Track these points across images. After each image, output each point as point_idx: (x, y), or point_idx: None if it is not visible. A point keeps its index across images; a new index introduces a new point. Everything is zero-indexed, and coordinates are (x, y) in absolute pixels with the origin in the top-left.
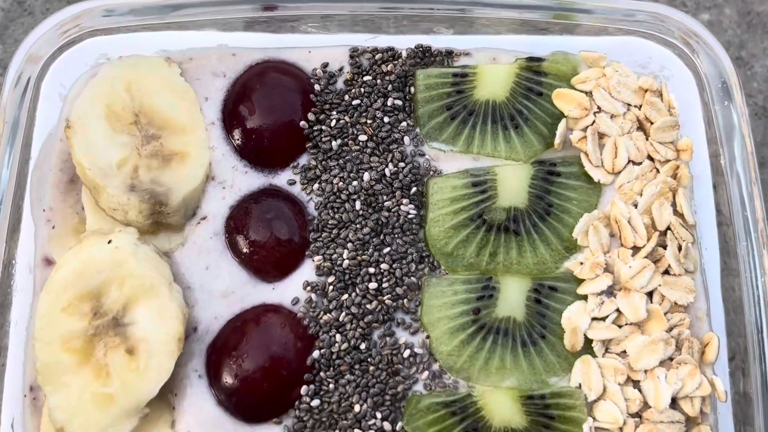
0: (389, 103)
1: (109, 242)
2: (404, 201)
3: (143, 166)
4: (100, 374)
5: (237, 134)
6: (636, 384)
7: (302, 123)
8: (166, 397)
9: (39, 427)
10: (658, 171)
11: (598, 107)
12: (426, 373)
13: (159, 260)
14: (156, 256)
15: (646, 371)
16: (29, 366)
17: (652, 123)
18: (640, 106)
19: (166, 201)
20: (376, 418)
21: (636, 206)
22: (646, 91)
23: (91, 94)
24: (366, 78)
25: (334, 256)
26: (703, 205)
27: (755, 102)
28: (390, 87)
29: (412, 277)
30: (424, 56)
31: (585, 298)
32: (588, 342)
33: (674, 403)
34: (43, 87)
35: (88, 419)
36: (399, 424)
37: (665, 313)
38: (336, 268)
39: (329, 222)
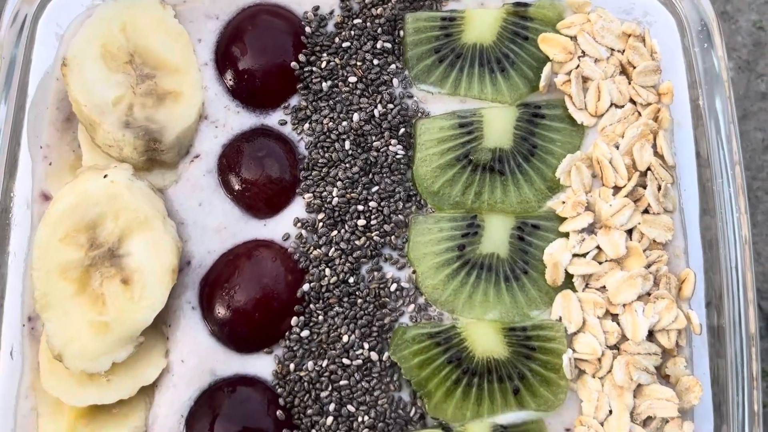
0: (378, 45)
1: (105, 177)
2: (393, 141)
3: (138, 104)
4: (96, 303)
5: (229, 75)
6: (614, 317)
7: (293, 64)
8: (161, 328)
9: (37, 355)
10: (639, 114)
11: (582, 51)
12: (412, 306)
13: (153, 195)
14: (150, 191)
15: (624, 305)
16: (27, 297)
17: (634, 67)
18: (623, 51)
19: (160, 138)
20: (363, 348)
21: (617, 147)
22: (629, 36)
23: (87, 33)
24: (356, 21)
25: (324, 193)
26: (683, 148)
27: (739, 56)
28: (379, 30)
29: (399, 215)
30: (413, 0)
31: (566, 236)
32: (569, 278)
33: (651, 335)
34: (39, 26)
35: (85, 346)
36: (385, 354)
37: (644, 251)
38: (326, 205)
39: (319, 161)
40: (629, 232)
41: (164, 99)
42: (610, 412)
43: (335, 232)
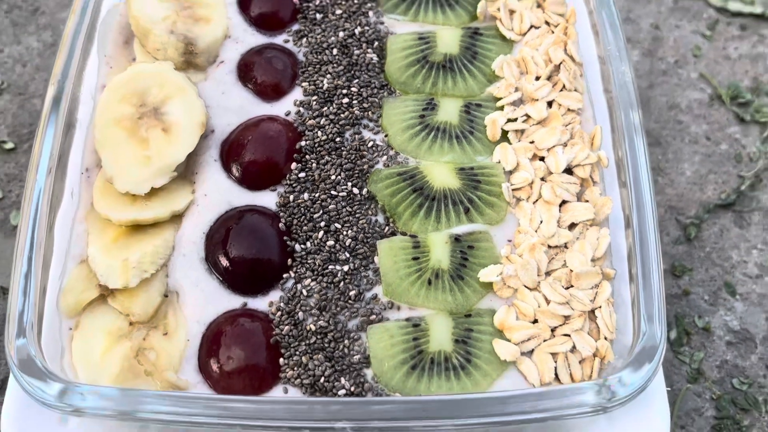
0: None
1: (154, 63)
2: (369, 50)
3: (180, 21)
4: (142, 144)
5: (250, 7)
6: (541, 159)
7: (295, 1)
8: (189, 177)
9: (90, 196)
10: (552, 32)
11: None
12: (385, 157)
13: (188, 80)
14: (186, 77)
15: (548, 149)
16: (87, 152)
17: (545, 1)
18: None
19: (195, 43)
20: (347, 185)
21: (537, 50)
22: None
23: None
24: None
25: (317, 82)
26: (587, 53)
27: (642, 46)
28: None
29: (374, 98)
30: None
31: (502, 109)
32: (504, 136)
33: (571, 173)
34: None
35: (131, 173)
36: (365, 190)
37: (562, 116)
38: (318, 90)
39: (313, 61)
40: (549, 104)
41: (199, 21)
42: (541, 222)
43: (325, 108)
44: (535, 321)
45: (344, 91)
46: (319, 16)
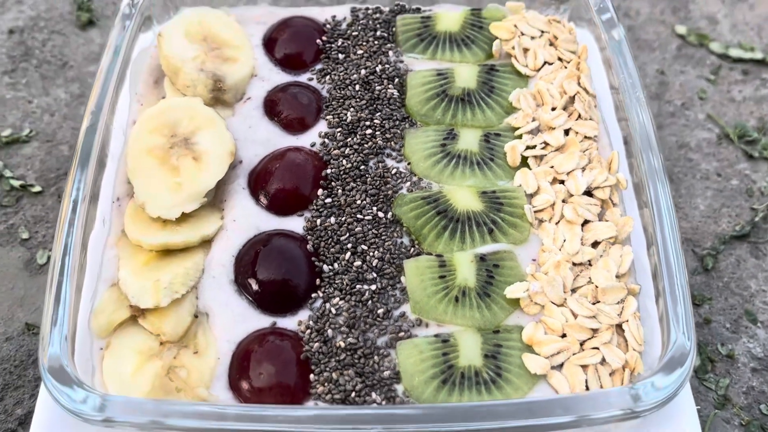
0: (378, 34)
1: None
2: (390, 86)
3: (209, 61)
4: (173, 172)
5: (274, 49)
6: (561, 183)
7: (318, 41)
8: (218, 205)
9: (121, 224)
10: (566, 67)
11: (521, 32)
12: (408, 183)
13: (217, 113)
14: (215, 111)
15: (567, 173)
16: (118, 182)
17: (557, 38)
18: (549, 32)
19: (224, 80)
20: (372, 209)
21: (552, 84)
22: (551, 21)
23: (175, 21)
24: (361, 21)
25: (341, 115)
26: (600, 85)
27: (650, 89)
28: (378, 25)
29: (396, 129)
30: (401, 10)
31: (521, 137)
32: (524, 162)
33: (591, 195)
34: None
35: (162, 199)
36: (389, 213)
37: (579, 143)
38: (342, 122)
39: (337, 96)
40: (566, 132)
41: (227, 60)
42: (564, 241)
43: (349, 139)
44: (564, 336)
45: (367, 123)
46: (341, 56)
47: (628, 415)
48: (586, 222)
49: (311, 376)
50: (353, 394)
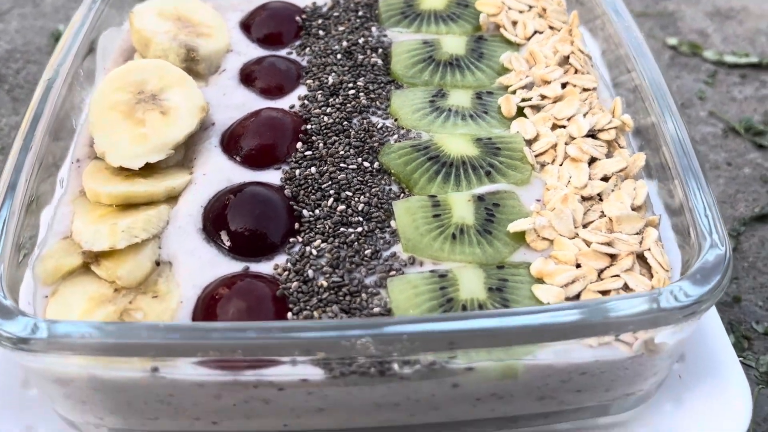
0: (360, 14)
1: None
2: (373, 55)
3: (182, 34)
4: (137, 125)
5: (251, 25)
6: (562, 128)
7: (297, 18)
8: (188, 165)
9: (79, 184)
10: (557, 33)
11: (509, 8)
12: (395, 135)
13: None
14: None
15: (568, 118)
16: (79, 143)
17: (545, 11)
18: (537, 6)
19: (197, 49)
20: (357, 159)
21: (545, 47)
22: None
23: (148, 2)
24: (342, 4)
25: (322, 78)
26: (593, 51)
27: None
28: (359, 8)
29: (382, 90)
30: None
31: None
32: (520, 113)
33: (595, 138)
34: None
35: (125, 148)
36: (376, 164)
37: (578, 94)
38: (324, 84)
39: (318, 63)
40: (563, 86)
41: (201, 35)
42: (570, 177)
43: (331, 99)
44: (579, 266)
45: (350, 85)
46: (321, 32)
47: (656, 317)
48: (593, 161)
49: (289, 315)
50: None
